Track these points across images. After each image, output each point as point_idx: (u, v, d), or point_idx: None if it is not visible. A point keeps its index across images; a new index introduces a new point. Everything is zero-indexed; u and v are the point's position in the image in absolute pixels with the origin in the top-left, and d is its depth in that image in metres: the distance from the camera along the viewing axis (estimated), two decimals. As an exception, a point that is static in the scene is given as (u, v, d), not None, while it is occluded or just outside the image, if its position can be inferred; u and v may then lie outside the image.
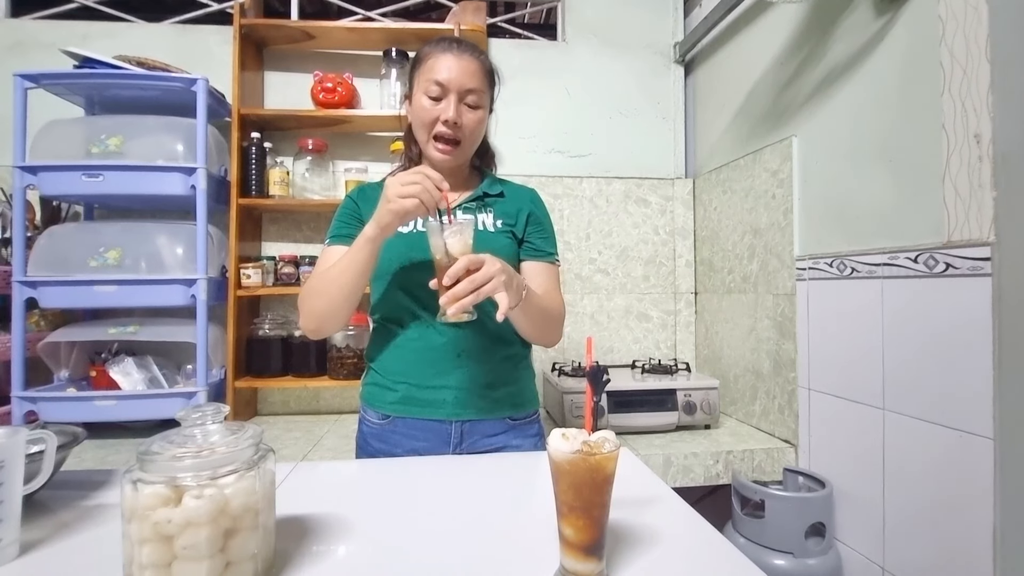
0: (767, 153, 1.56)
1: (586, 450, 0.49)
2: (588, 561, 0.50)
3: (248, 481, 0.49)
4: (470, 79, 0.92)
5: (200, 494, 0.46)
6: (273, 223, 1.92)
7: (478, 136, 0.98)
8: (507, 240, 0.98)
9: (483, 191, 1.01)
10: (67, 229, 1.60)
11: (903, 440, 1.12)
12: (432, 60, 0.93)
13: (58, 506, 0.69)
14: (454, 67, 0.91)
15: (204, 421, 0.51)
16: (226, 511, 0.47)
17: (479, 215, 0.99)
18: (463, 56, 0.93)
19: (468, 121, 0.93)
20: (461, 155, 0.97)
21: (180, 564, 0.45)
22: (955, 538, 1.01)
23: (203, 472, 0.47)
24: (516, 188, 1.06)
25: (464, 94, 0.92)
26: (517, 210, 1.01)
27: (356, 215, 0.99)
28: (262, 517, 0.50)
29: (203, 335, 1.51)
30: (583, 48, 2.05)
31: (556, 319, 0.97)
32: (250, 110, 1.74)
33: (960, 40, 1.00)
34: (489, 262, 0.75)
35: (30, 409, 1.47)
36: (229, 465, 0.48)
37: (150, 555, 0.45)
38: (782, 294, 1.49)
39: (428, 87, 0.92)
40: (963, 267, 0.99)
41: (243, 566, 0.48)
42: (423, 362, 0.94)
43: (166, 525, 0.45)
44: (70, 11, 1.96)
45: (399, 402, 0.95)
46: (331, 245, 0.97)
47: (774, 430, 1.53)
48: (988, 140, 0.95)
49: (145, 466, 0.47)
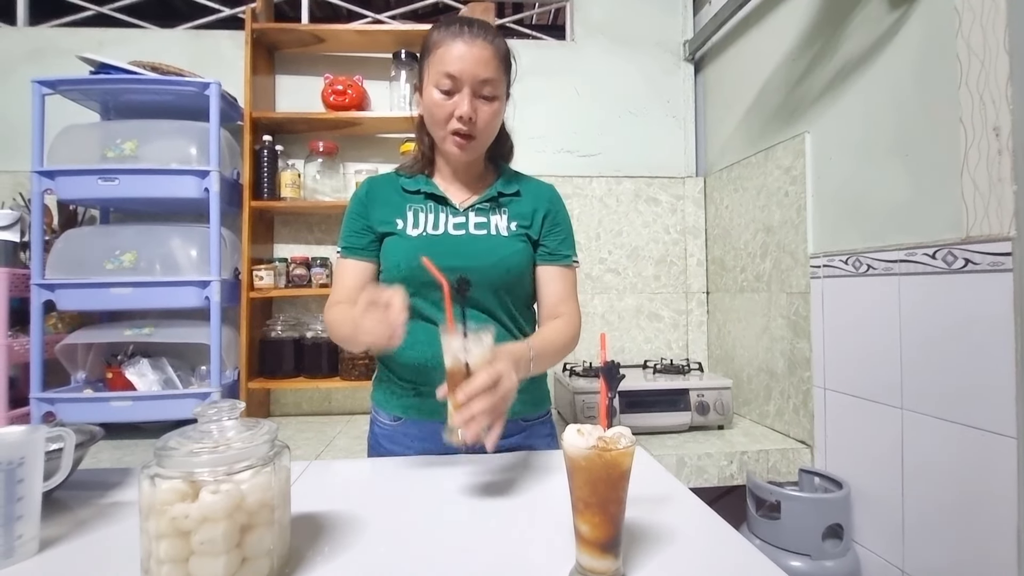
0: (779, 150, 1.55)
1: (601, 446, 0.48)
2: (604, 558, 0.49)
3: (264, 477, 0.49)
4: (484, 68, 0.86)
5: (217, 489, 0.46)
6: (285, 225, 1.93)
7: (494, 128, 0.93)
8: (521, 244, 0.95)
9: (498, 190, 0.96)
10: (84, 232, 1.62)
11: (922, 440, 1.10)
12: (442, 49, 0.86)
13: (76, 504, 0.69)
14: (466, 56, 0.85)
15: (220, 417, 0.52)
16: (242, 506, 0.47)
17: (492, 217, 0.95)
18: (475, 42, 0.85)
19: (484, 115, 0.88)
20: (476, 149, 0.92)
21: (197, 559, 0.46)
22: (977, 540, 0.99)
23: (219, 467, 0.47)
24: (533, 186, 1.01)
25: (479, 86, 0.86)
26: (533, 210, 0.97)
27: (364, 219, 0.96)
28: (278, 513, 0.51)
29: (217, 336, 1.53)
30: (592, 47, 2.05)
31: (568, 347, 0.92)
32: (262, 113, 1.76)
33: (977, 32, 0.98)
34: (506, 375, 0.69)
35: (48, 410, 1.49)
36: (245, 461, 0.48)
37: (167, 550, 0.46)
38: (796, 292, 1.48)
39: (439, 80, 0.86)
40: (983, 263, 0.97)
41: (259, 562, 0.49)
42: (434, 367, 0.89)
43: (183, 520, 0.45)
44: (86, 18, 2.00)
45: (411, 406, 0.94)
46: (343, 258, 0.96)
47: (789, 430, 1.51)
48: (1007, 133, 0.93)
49: (162, 461, 0.47)
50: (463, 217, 0.94)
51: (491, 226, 0.94)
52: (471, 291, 0.77)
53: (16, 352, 1.49)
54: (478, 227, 0.94)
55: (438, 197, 0.95)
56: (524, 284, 0.96)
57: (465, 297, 0.70)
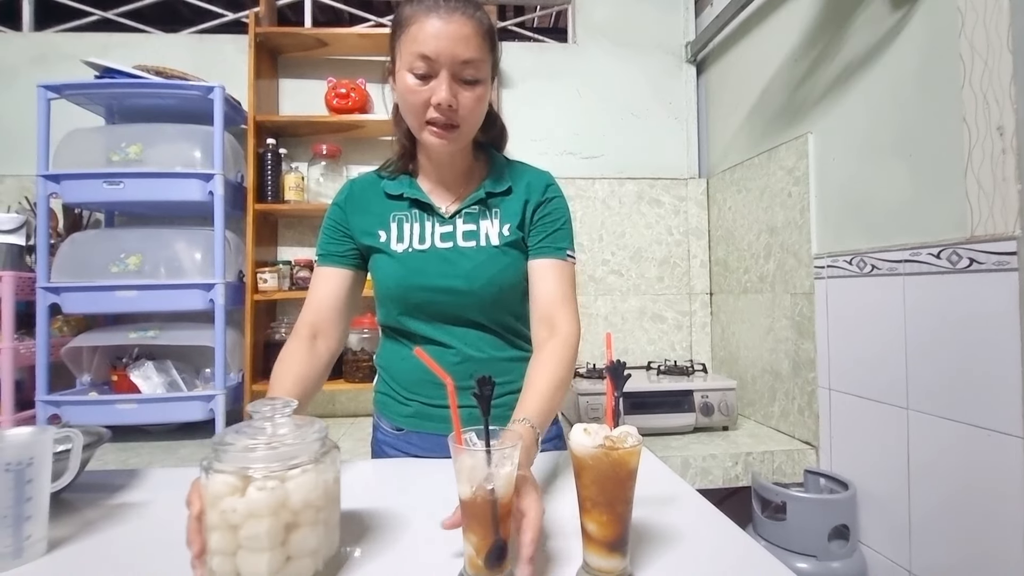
0: (782, 151, 1.55)
1: (608, 445, 0.48)
2: (612, 557, 0.49)
3: (310, 476, 0.49)
4: (464, 48, 0.74)
5: (263, 486, 0.46)
6: (288, 228, 1.94)
7: (479, 115, 0.81)
8: (514, 254, 0.86)
9: (486, 191, 0.86)
10: (89, 236, 1.63)
11: (928, 440, 1.09)
12: (415, 27, 0.74)
13: (83, 505, 0.70)
14: (442, 35, 0.73)
15: (273, 414, 0.52)
16: (287, 505, 0.47)
17: (482, 222, 0.86)
18: (452, 17, 0.74)
19: (466, 100, 0.77)
20: (460, 139, 0.81)
21: (243, 554, 0.46)
22: (984, 540, 0.98)
23: (272, 464, 0.47)
24: (526, 176, 0.90)
25: (459, 68, 0.75)
26: (526, 206, 0.87)
27: (342, 226, 0.91)
28: (323, 514, 0.50)
29: (221, 339, 1.53)
30: (594, 49, 2.05)
31: (566, 381, 0.79)
32: (265, 117, 1.76)
33: (980, 31, 0.98)
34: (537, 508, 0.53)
35: (54, 413, 1.49)
36: (297, 458, 0.48)
37: (218, 542, 0.46)
38: (800, 293, 1.48)
39: (413, 62, 0.75)
40: (988, 262, 0.97)
41: (303, 562, 0.48)
42: (435, 381, 0.81)
43: (231, 514, 0.46)
44: (91, 23, 2.01)
45: (413, 416, 0.90)
46: (319, 265, 0.91)
47: (794, 431, 1.51)
48: (1012, 132, 0.93)
49: (219, 455, 0.48)
50: (450, 225, 0.86)
51: (481, 235, 0.86)
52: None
53: (22, 355, 1.50)
54: (467, 236, 0.86)
55: (422, 204, 0.87)
56: (518, 293, 0.90)
57: (489, 402, 0.51)
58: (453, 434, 0.51)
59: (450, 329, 0.87)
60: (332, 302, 0.89)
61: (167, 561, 0.55)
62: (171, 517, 0.68)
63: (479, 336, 0.87)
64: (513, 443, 0.51)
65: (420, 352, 0.60)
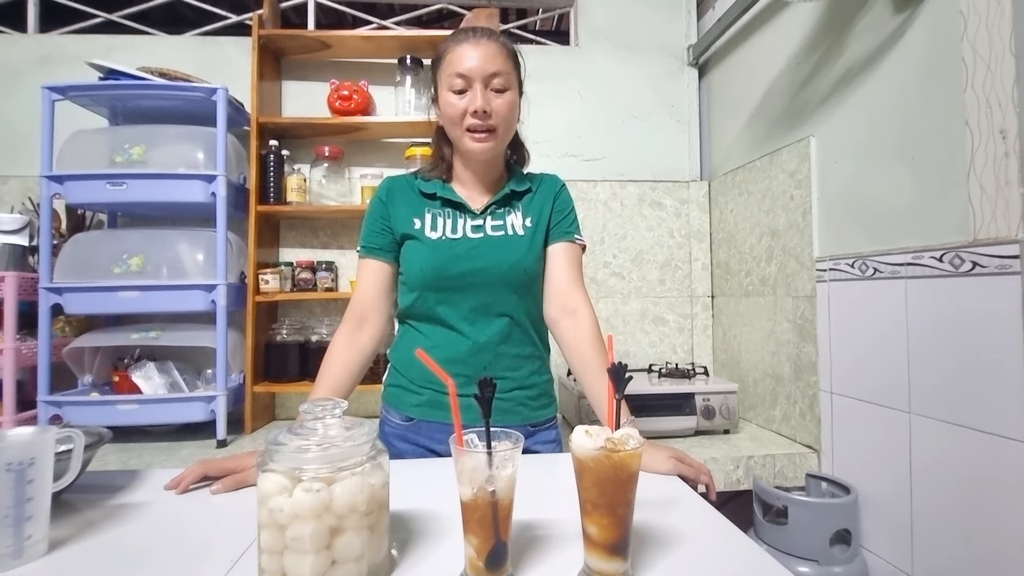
0: (784, 154, 1.55)
1: (610, 447, 0.48)
2: (613, 560, 0.49)
3: (355, 480, 0.48)
4: (492, 63, 0.89)
5: (309, 488, 0.46)
6: (291, 229, 1.94)
7: (512, 120, 0.95)
8: (538, 243, 0.98)
9: (511, 188, 0.99)
10: (91, 236, 1.63)
11: (931, 444, 1.09)
12: (451, 54, 0.91)
13: (84, 505, 0.70)
14: (474, 54, 0.89)
15: (324, 415, 0.52)
16: (331, 509, 0.47)
17: (508, 217, 0.98)
18: (481, 41, 0.90)
19: (499, 106, 0.91)
20: (499, 144, 0.94)
21: (289, 555, 0.46)
22: (987, 546, 0.98)
23: (321, 466, 0.47)
24: (542, 180, 1.05)
25: (489, 79, 0.89)
26: (543, 203, 1.00)
27: (384, 219, 0.98)
28: (369, 519, 0.49)
29: (223, 340, 1.53)
30: (596, 52, 2.06)
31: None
32: (268, 118, 1.77)
33: (983, 35, 0.98)
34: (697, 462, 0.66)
35: (55, 413, 1.49)
36: (345, 461, 0.48)
37: (266, 540, 0.47)
38: (802, 296, 1.47)
39: (452, 82, 0.90)
40: (991, 265, 0.97)
41: (347, 567, 0.48)
42: (449, 371, 0.90)
43: (279, 514, 0.46)
44: (95, 25, 2.02)
45: (424, 405, 0.95)
46: (362, 257, 0.99)
47: (795, 435, 1.51)
48: (1014, 135, 0.93)
49: (272, 455, 0.48)
50: (480, 220, 0.97)
51: (507, 226, 0.97)
52: (488, 372, 0.74)
53: (24, 355, 1.50)
54: (495, 228, 0.97)
55: (455, 203, 0.97)
56: (540, 282, 1.00)
57: (490, 405, 0.52)
58: (454, 435, 0.51)
59: (473, 319, 0.94)
60: (377, 290, 0.98)
61: (168, 562, 0.55)
62: (172, 518, 0.68)
63: (500, 329, 0.94)
64: (513, 438, 0.52)
65: (421, 353, 0.62)
